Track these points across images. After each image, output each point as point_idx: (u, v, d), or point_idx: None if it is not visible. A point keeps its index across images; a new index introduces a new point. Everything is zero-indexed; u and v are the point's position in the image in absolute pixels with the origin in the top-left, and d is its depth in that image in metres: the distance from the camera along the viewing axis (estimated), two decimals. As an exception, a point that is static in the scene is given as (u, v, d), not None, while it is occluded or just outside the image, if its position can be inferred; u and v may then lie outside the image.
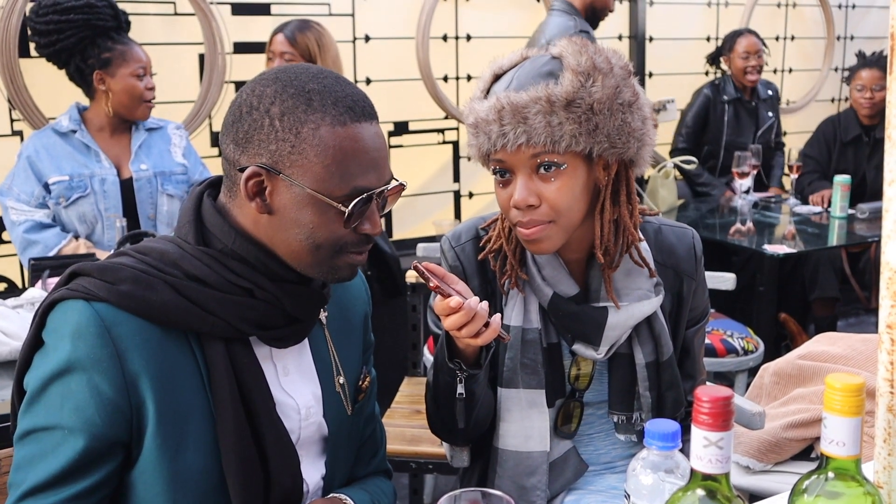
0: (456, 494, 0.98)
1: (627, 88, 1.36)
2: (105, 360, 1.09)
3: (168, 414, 1.13)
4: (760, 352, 3.13)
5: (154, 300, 1.12)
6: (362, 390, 1.39)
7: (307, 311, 1.24)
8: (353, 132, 1.15)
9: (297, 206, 1.15)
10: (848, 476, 0.90)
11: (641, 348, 1.49)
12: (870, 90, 4.13)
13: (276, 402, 1.22)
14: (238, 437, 1.16)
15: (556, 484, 1.53)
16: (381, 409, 2.55)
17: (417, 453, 2.30)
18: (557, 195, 1.35)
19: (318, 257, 1.18)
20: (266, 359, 1.24)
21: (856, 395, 0.86)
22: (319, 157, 1.13)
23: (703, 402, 0.85)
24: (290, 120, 1.13)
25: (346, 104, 1.15)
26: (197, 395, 1.16)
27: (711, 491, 0.88)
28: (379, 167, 1.18)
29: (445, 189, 4.20)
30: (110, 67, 2.69)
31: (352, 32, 3.80)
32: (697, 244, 1.56)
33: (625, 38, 4.56)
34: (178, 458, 1.14)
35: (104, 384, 1.10)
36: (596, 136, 1.33)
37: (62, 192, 2.68)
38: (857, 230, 3.68)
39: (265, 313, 1.19)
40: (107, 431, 1.11)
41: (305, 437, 1.28)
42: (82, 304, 1.11)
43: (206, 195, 1.24)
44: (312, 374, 1.30)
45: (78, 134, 2.73)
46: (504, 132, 1.33)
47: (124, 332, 1.11)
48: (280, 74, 1.17)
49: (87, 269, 1.15)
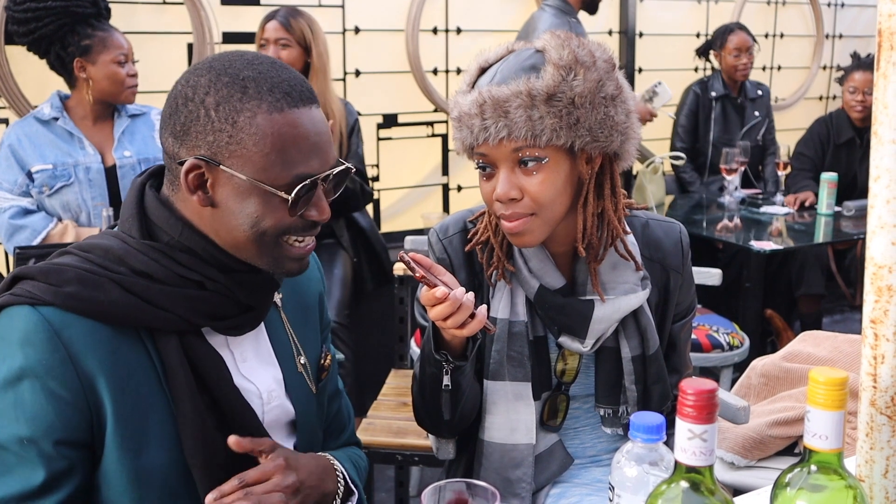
0: (441, 485, 0.98)
1: (611, 82, 1.36)
2: (57, 365, 1.07)
3: (126, 412, 1.12)
4: (746, 347, 3.14)
5: (102, 300, 1.10)
6: (325, 368, 1.39)
7: (260, 299, 1.23)
8: (291, 118, 1.13)
9: (239, 197, 1.13)
10: (830, 469, 0.90)
11: (628, 342, 1.49)
12: (862, 93, 4.10)
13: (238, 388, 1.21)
14: (199, 429, 1.15)
15: (541, 477, 1.53)
16: (368, 402, 2.58)
17: (403, 445, 2.30)
18: (539, 189, 1.35)
19: (263, 245, 1.17)
20: (222, 347, 1.23)
21: (839, 389, 0.87)
22: (258, 146, 1.11)
23: (687, 395, 0.86)
24: (226, 109, 1.11)
25: (282, 90, 1.13)
26: (154, 392, 1.14)
27: (695, 483, 0.88)
28: (321, 151, 1.16)
29: (434, 182, 4.20)
30: (90, 54, 2.66)
31: (341, 24, 3.79)
32: (684, 238, 1.57)
33: (615, 33, 4.56)
34: (140, 456, 1.13)
35: (60, 389, 1.08)
36: (577, 130, 1.33)
37: (45, 180, 2.65)
38: (844, 228, 3.70)
39: (217, 304, 1.18)
40: (69, 435, 1.09)
41: (270, 421, 1.28)
42: (28, 309, 1.09)
43: (149, 186, 1.22)
44: (271, 357, 1.30)
45: (60, 121, 2.70)
46: (486, 126, 1.33)
47: (74, 335, 1.09)
48: (214, 63, 1.15)
49: (30, 272, 1.13)
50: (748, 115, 4.43)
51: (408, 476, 2.74)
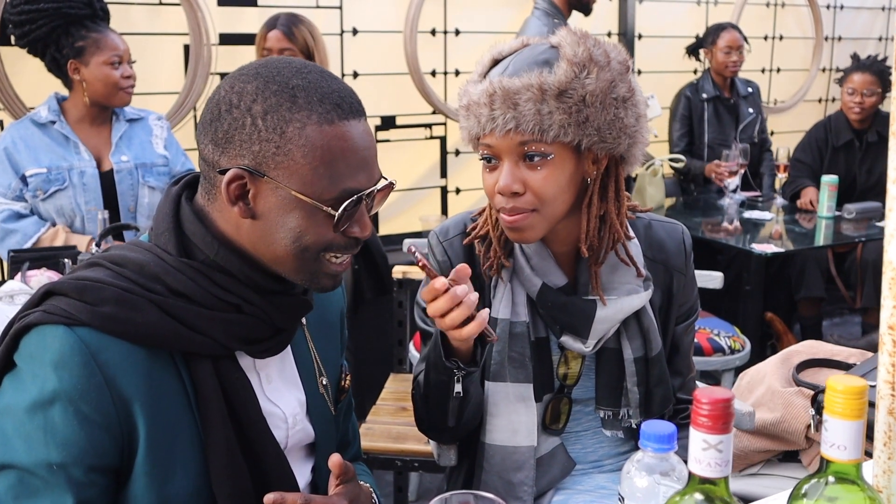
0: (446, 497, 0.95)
1: (623, 84, 1.35)
2: (93, 389, 1.03)
3: (157, 438, 1.07)
4: (747, 351, 3.13)
5: (139, 322, 1.06)
6: (344, 390, 1.36)
7: (293, 321, 1.20)
8: (341, 131, 1.08)
9: (283, 210, 1.09)
10: (848, 480, 0.88)
11: (630, 343, 1.48)
12: (860, 95, 4.10)
13: (264, 413, 1.17)
14: (229, 458, 1.11)
15: (542, 481, 1.52)
16: (368, 407, 2.55)
17: (403, 451, 2.28)
18: (542, 184, 1.34)
19: (303, 261, 1.12)
20: (249, 369, 1.19)
21: (858, 398, 0.84)
22: (306, 159, 1.07)
23: (702, 405, 0.83)
24: (274, 119, 1.06)
25: (332, 101, 1.09)
26: (183, 417, 1.10)
27: (710, 495, 0.86)
28: (368, 167, 1.12)
29: (432, 185, 4.17)
30: (84, 56, 2.63)
31: (339, 25, 3.77)
32: (687, 239, 1.56)
33: (614, 35, 4.54)
34: (167, 484, 1.09)
35: (94, 414, 1.03)
36: (585, 129, 1.31)
37: (39, 184, 2.63)
38: (844, 230, 3.69)
39: (252, 328, 1.13)
40: (100, 461, 1.05)
41: (292, 445, 1.25)
42: (63, 329, 1.03)
43: (185, 198, 1.17)
44: (296, 378, 1.27)
45: (57, 125, 2.68)
46: (493, 116, 1.32)
47: (111, 359, 1.04)
48: (261, 70, 1.10)
49: (64, 288, 1.08)
50: (742, 113, 4.42)
51: (407, 482, 2.72)
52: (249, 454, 1.14)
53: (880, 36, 5.63)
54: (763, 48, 5.13)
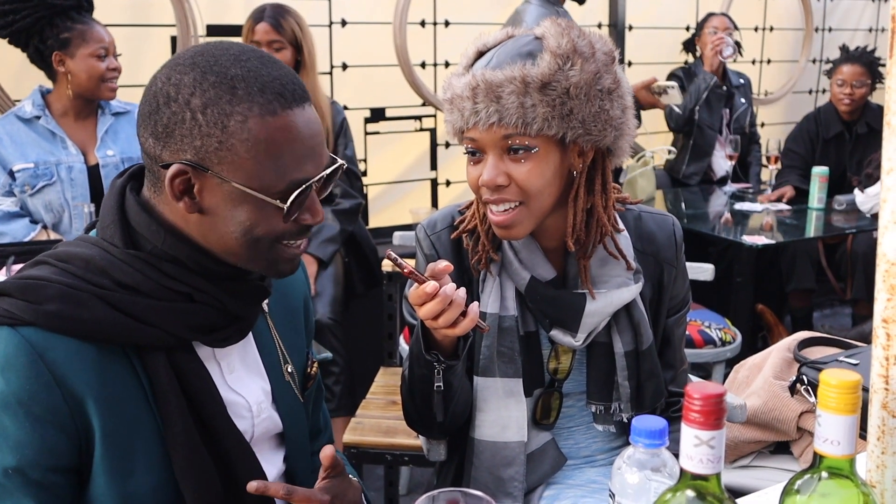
0: (434, 495, 0.94)
1: (609, 75, 1.33)
2: (42, 390, 1.01)
3: (114, 435, 1.05)
4: (738, 343, 3.12)
5: (87, 318, 1.03)
6: (311, 377, 1.34)
7: (250, 308, 1.17)
8: (284, 121, 1.05)
9: (230, 204, 1.06)
10: (842, 475, 0.87)
11: (620, 337, 1.47)
12: (850, 86, 4.11)
13: (226, 402, 1.15)
14: (191, 450, 1.09)
15: (533, 476, 1.51)
16: (357, 400, 2.53)
17: (393, 445, 2.26)
18: (527, 177, 1.32)
19: (257, 252, 1.10)
20: (209, 359, 1.16)
21: (851, 393, 0.83)
22: (250, 153, 1.04)
23: (694, 400, 0.82)
24: (215, 112, 1.03)
25: (274, 90, 1.05)
26: (141, 411, 1.08)
27: (701, 492, 0.84)
28: (315, 155, 1.09)
29: (422, 177, 4.15)
30: (69, 48, 2.59)
31: (328, 16, 3.74)
32: (678, 231, 1.55)
33: (604, 26, 4.52)
34: (128, 481, 1.07)
35: (46, 414, 1.01)
36: (570, 122, 1.30)
37: (27, 179, 2.60)
38: (835, 222, 3.69)
39: (206, 316, 1.11)
40: (57, 462, 1.04)
41: (259, 434, 1.23)
42: (7, 331, 1.02)
43: (129, 189, 1.14)
44: (258, 366, 1.24)
45: (42, 120, 2.65)
46: (477, 110, 1.31)
47: (59, 357, 1.02)
48: (198, 59, 1.06)
49: (7, 288, 1.05)
50: (736, 104, 4.41)
51: (397, 475, 2.70)
52: (212, 445, 1.13)
53: (870, 27, 5.63)
54: (753, 39, 5.12)
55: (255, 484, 1.10)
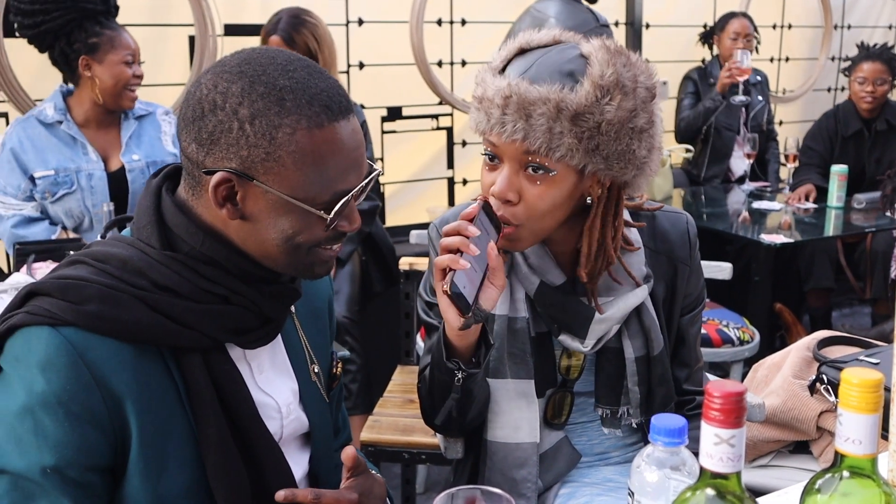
0: (453, 492, 0.94)
1: (644, 114, 1.30)
2: (82, 390, 1.01)
3: (150, 435, 1.06)
4: (756, 342, 3.11)
5: (126, 319, 1.04)
6: (336, 377, 1.35)
7: (282, 310, 1.18)
8: (331, 133, 1.06)
9: (273, 213, 1.08)
10: (863, 475, 0.86)
11: (631, 342, 1.46)
12: (871, 83, 4.07)
13: (257, 404, 1.16)
14: (224, 452, 1.10)
15: (547, 475, 1.50)
16: (374, 399, 2.54)
17: (410, 443, 2.27)
18: (538, 199, 1.31)
19: (296, 257, 1.12)
20: (240, 360, 1.17)
21: (874, 391, 0.83)
22: (297, 164, 1.05)
23: (714, 398, 0.82)
24: (263, 124, 1.04)
25: (321, 102, 1.06)
26: (175, 413, 1.09)
27: (721, 490, 0.84)
28: (358, 166, 1.11)
29: (439, 176, 4.15)
30: (97, 53, 2.59)
31: (345, 16, 3.75)
32: (692, 229, 1.53)
33: (621, 24, 4.51)
34: (161, 481, 1.07)
35: (85, 414, 1.02)
36: (593, 156, 1.28)
37: (47, 187, 2.60)
38: (854, 220, 3.66)
39: (241, 318, 1.12)
40: (94, 462, 1.04)
41: (287, 435, 1.23)
42: (48, 330, 1.02)
43: (165, 190, 1.15)
44: (287, 367, 1.25)
45: (64, 125, 2.64)
46: (504, 121, 1.28)
47: (98, 358, 1.02)
48: (245, 68, 1.06)
49: (46, 288, 1.06)
50: (753, 101, 4.39)
51: (415, 474, 2.71)
52: (243, 448, 1.13)
53: (890, 24, 5.58)
54: (771, 37, 5.08)
55: (283, 493, 1.11)
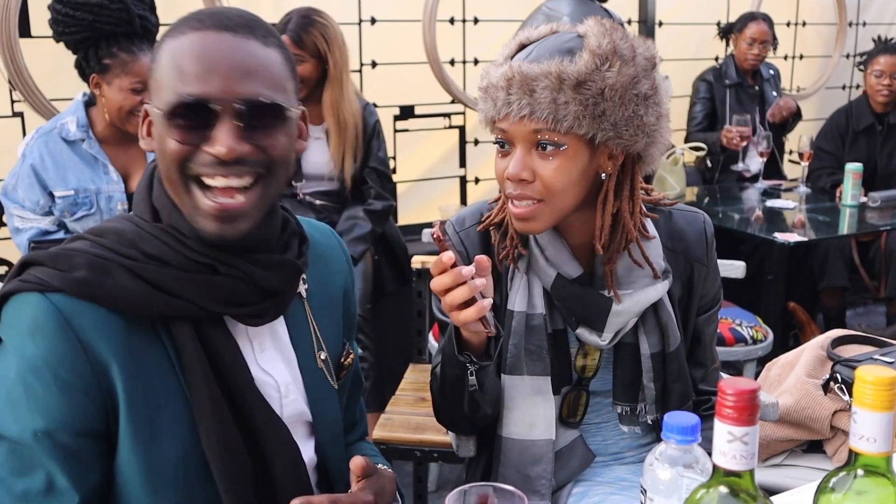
0: (465, 489, 0.94)
1: (647, 80, 1.32)
2: (69, 353, 1.04)
3: (139, 402, 1.08)
4: (770, 341, 3.10)
5: (111, 285, 1.06)
6: (345, 367, 1.34)
7: (283, 283, 1.17)
8: (194, 39, 1.06)
9: (156, 132, 1.10)
10: (878, 473, 0.86)
11: (647, 338, 1.46)
12: (889, 77, 4.05)
13: (255, 380, 1.16)
14: (217, 419, 1.10)
15: (561, 473, 1.51)
16: (388, 397, 2.55)
17: (422, 441, 2.27)
18: (553, 175, 1.32)
19: (176, 188, 1.10)
20: (241, 336, 1.18)
21: (888, 390, 0.83)
22: (162, 73, 1.08)
23: (727, 395, 0.81)
24: (157, 47, 1.10)
25: (204, 15, 1.08)
26: (169, 383, 1.10)
27: (734, 488, 0.84)
28: (220, 77, 1.05)
29: (451, 174, 4.16)
30: (107, 75, 2.53)
31: (357, 14, 3.75)
32: (709, 228, 1.53)
33: (634, 22, 4.50)
34: (153, 447, 1.09)
35: (72, 378, 1.04)
36: (601, 123, 1.29)
37: (67, 207, 2.57)
38: (868, 219, 3.64)
39: (233, 289, 1.12)
40: (84, 426, 1.06)
41: (289, 416, 1.22)
42: (37, 297, 1.05)
43: (156, 168, 1.17)
44: (289, 350, 1.25)
45: (86, 144, 2.60)
46: (509, 101, 1.31)
47: (85, 323, 1.05)
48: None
49: (39, 257, 1.09)
50: (768, 99, 4.37)
51: (426, 472, 2.71)
52: (241, 419, 1.13)
53: (905, 21, 5.55)
54: (786, 34, 5.06)
55: (298, 500, 1.10)
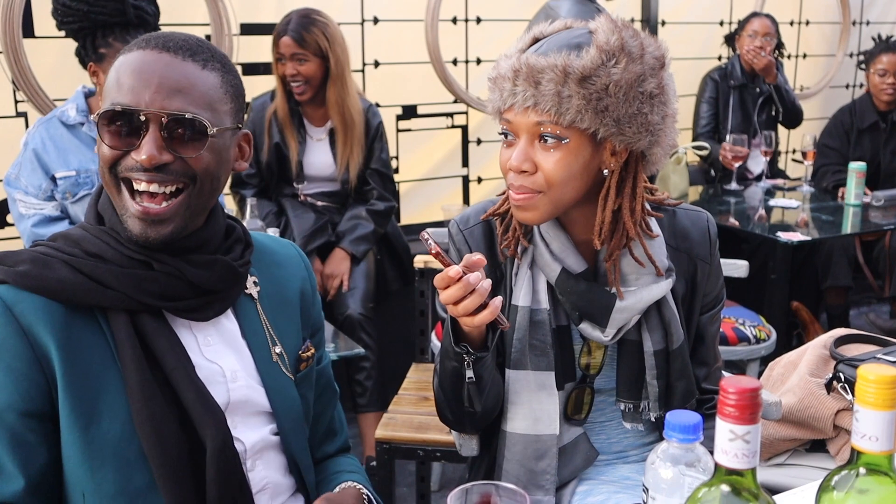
0: (467, 488, 0.94)
1: (653, 79, 1.32)
2: (10, 337, 1.14)
3: (77, 385, 1.15)
4: (773, 340, 3.09)
5: (51, 277, 1.16)
6: (303, 360, 1.39)
7: (218, 282, 1.25)
8: (137, 56, 1.17)
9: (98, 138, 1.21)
10: (880, 472, 0.86)
11: (650, 335, 1.46)
12: (893, 75, 4.04)
13: (198, 367, 1.23)
14: (147, 401, 1.17)
15: (565, 470, 1.51)
16: (390, 397, 2.55)
17: (425, 441, 2.27)
18: (554, 167, 1.33)
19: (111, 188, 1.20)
20: (183, 329, 1.25)
21: (890, 388, 0.82)
22: (108, 84, 1.18)
23: (729, 394, 0.82)
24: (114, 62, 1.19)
25: (152, 37, 1.18)
26: (108, 369, 1.18)
27: (736, 487, 0.84)
28: (151, 90, 1.15)
29: (454, 174, 4.16)
30: (103, 63, 2.58)
31: (360, 14, 3.75)
32: (712, 227, 1.53)
33: (637, 21, 4.49)
34: (91, 428, 1.15)
35: (15, 361, 1.14)
36: (603, 118, 1.30)
37: (68, 187, 2.62)
38: (872, 218, 3.63)
39: (166, 284, 1.21)
40: (29, 406, 1.14)
41: (237, 401, 1.28)
42: None
43: None
44: (238, 343, 1.31)
45: (85, 127, 2.65)
46: (515, 92, 1.33)
47: (26, 310, 1.15)
48: None
49: None
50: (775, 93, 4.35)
51: (429, 471, 2.71)
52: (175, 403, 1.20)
53: (909, 20, 5.54)
54: (789, 33, 5.05)
55: None
